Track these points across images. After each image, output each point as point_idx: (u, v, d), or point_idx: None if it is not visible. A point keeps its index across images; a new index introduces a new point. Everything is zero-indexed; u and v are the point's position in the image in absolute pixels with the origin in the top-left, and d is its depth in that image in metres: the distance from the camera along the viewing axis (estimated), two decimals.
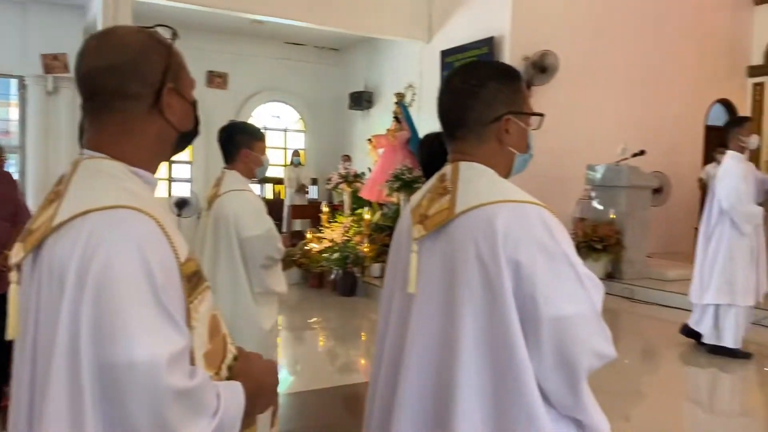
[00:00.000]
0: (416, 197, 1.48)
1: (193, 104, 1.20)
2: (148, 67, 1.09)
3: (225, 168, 2.88)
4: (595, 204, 8.13)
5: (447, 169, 1.42)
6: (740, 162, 4.79)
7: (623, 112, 9.40)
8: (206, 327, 1.09)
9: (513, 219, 1.27)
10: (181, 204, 8.32)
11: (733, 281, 4.77)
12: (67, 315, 0.94)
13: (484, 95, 1.37)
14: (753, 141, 4.83)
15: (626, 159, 7.99)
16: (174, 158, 3.20)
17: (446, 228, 1.33)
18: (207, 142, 3.53)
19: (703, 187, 9.42)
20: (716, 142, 10.09)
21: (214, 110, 11.49)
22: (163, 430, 0.93)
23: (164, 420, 0.92)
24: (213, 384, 1.03)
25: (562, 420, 1.29)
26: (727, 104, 10.78)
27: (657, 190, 8.62)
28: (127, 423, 0.92)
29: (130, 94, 1.08)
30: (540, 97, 8.73)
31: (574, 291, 1.26)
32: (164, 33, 1.15)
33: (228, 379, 1.12)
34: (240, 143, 2.82)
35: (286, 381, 4.48)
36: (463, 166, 1.39)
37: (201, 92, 11.79)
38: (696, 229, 9.77)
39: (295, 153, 11.85)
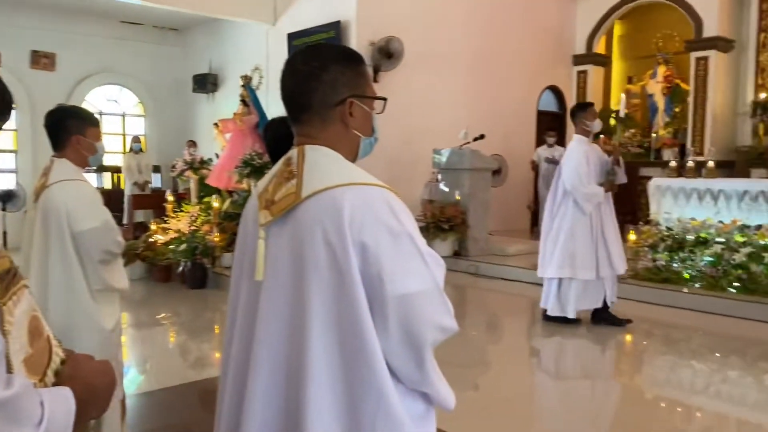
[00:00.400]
0: (262, 182, 1.45)
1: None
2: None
3: (54, 156, 2.62)
4: (442, 186, 8.47)
5: (293, 152, 1.40)
6: (583, 144, 5.11)
7: (465, 97, 9.86)
8: (25, 330, 1.00)
9: (358, 201, 1.28)
10: (6, 197, 7.53)
11: (574, 256, 5.06)
12: None
13: (326, 78, 1.36)
14: (596, 124, 5.15)
15: (468, 143, 8.40)
16: None
17: (293, 213, 1.33)
18: (34, 128, 3.20)
19: (535, 168, 10.17)
20: (547, 126, 10.94)
21: (40, 93, 10.49)
22: None
23: None
24: (35, 392, 0.94)
25: (409, 394, 1.33)
26: (556, 90, 11.68)
27: (496, 172, 9.17)
28: None
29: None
30: (388, 83, 8.92)
31: (417, 269, 1.29)
32: None
33: (55, 384, 1.03)
34: (70, 129, 2.58)
35: (135, 381, 4.23)
36: (309, 149, 1.37)
37: (24, 73, 10.69)
38: (529, 207, 10.65)
39: (135, 139, 11.15)
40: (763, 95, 9.71)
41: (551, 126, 10.84)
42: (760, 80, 9.85)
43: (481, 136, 8.46)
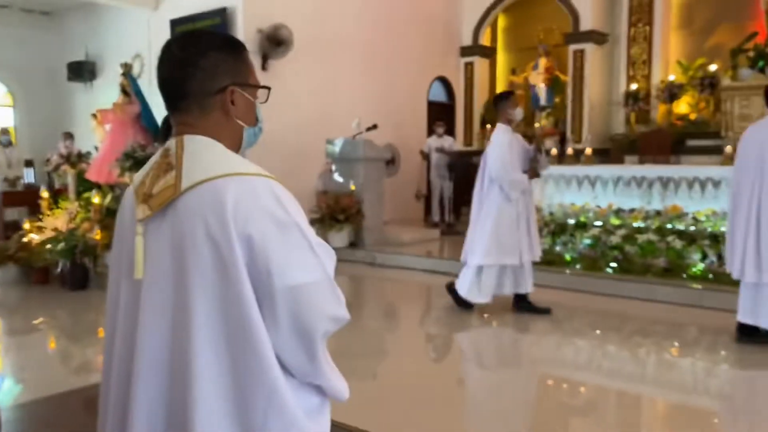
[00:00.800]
0: (139, 175, 1.37)
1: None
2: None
3: None
4: (336, 177, 8.45)
5: (171, 143, 1.32)
6: (507, 133, 5.19)
7: (357, 87, 9.87)
8: None
9: (242, 192, 1.23)
10: None
11: (500, 242, 5.15)
12: None
13: (204, 64, 1.30)
14: (518, 113, 5.27)
15: (361, 133, 8.42)
16: None
17: (173, 206, 1.26)
18: None
19: (426, 158, 10.38)
20: (437, 116, 11.17)
21: None
22: None
23: None
24: None
25: (302, 388, 1.31)
26: (445, 81, 11.95)
27: (390, 162, 9.27)
28: None
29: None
30: (278, 71, 8.76)
31: (307, 260, 1.26)
32: None
33: None
34: None
35: (11, 392, 3.91)
36: (188, 139, 1.30)
37: None
38: (417, 196, 10.88)
39: (4, 131, 10.29)
40: (634, 86, 10.41)
41: (441, 116, 11.09)
42: (632, 72, 10.54)
43: (374, 126, 8.50)
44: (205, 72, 1.30)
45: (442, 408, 3.56)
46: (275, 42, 8.55)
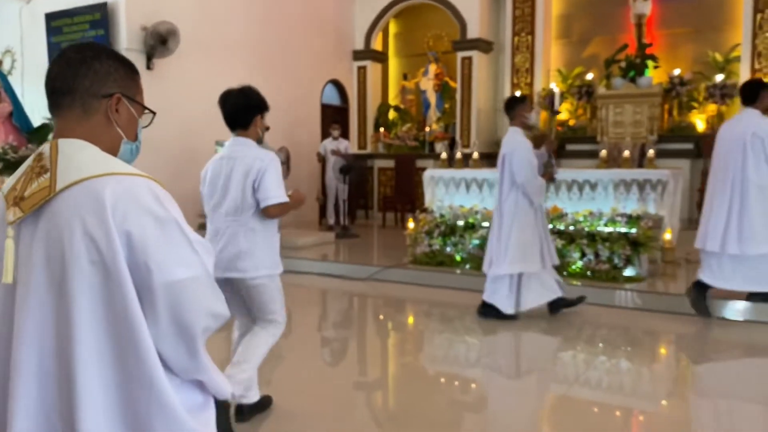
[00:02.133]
0: (10, 181, 1.33)
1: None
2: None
3: None
4: None
5: (45, 147, 1.30)
6: (525, 137, 5.09)
7: None
8: None
9: (121, 191, 1.23)
10: None
11: (525, 251, 5.00)
12: None
13: (98, 67, 1.32)
14: (533, 116, 5.08)
15: None
16: None
17: (48, 207, 1.24)
18: None
19: (322, 161, 10.35)
20: (331, 118, 11.17)
21: None
22: None
23: None
24: None
25: (185, 386, 1.32)
26: (338, 85, 11.97)
27: (282, 164, 9.14)
28: None
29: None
30: (163, 71, 8.42)
31: (186, 256, 1.28)
32: None
33: None
34: None
35: None
36: (63, 142, 1.29)
37: None
38: (317, 199, 10.82)
39: None
40: (518, 93, 10.88)
41: (335, 119, 11.09)
42: (515, 80, 11.02)
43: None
44: (97, 74, 1.32)
45: (336, 410, 3.54)
46: (160, 40, 8.21)
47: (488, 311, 5.22)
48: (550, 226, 6.31)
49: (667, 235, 6.15)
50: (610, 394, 3.89)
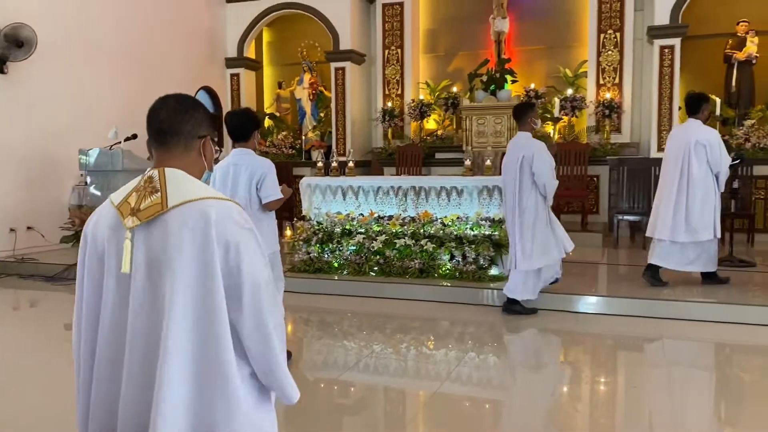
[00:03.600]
0: (119, 195, 1.71)
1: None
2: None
3: None
4: (93, 190, 7.86)
5: (153, 173, 1.68)
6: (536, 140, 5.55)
7: (115, 95, 9.28)
8: None
9: (221, 211, 1.62)
10: None
11: (545, 246, 5.48)
12: None
13: (196, 116, 1.76)
14: (539, 122, 5.67)
15: (119, 143, 7.95)
16: None
17: (160, 218, 1.61)
18: None
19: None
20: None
21: None
22: None
23: None
24: None
25: (252, 378, 1.67)
26: (210, 92, 11.75)
27: None
28: None
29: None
30: (20, 75, 7.91)
31: (263, 264, 1.66)
32: None
33: None
34: None
35: None
36: (168, 170, 1.68)
37: None
38: None
39: None
40: (389, 104, 11.26)
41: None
42: (387, 91, 11.40)
43: (134, 136, 8.07)
44: (195, 121, 1.76)
45: None
46: (15, 43, 7.71)
47: (513, 307, 5.66)
48: (422, 230, 6.64)
49: None
50: (480, 389, 4.19)
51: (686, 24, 9.42)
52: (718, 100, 7.75)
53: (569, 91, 10.18)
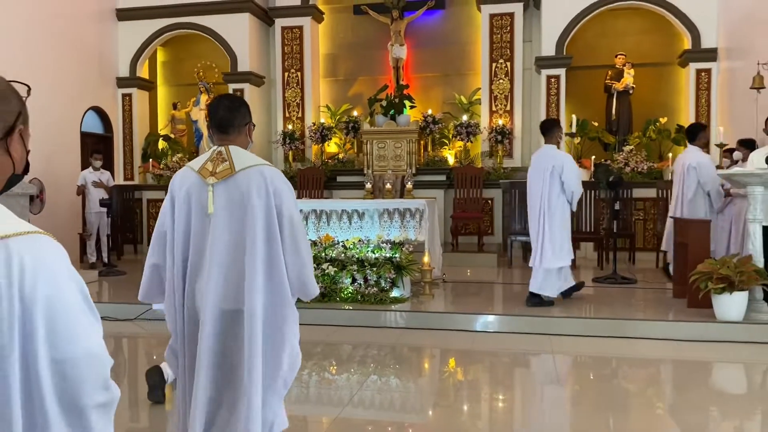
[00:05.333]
0: (196, 164, 2.60)
1: (28, 152, 1.29)
2: (6, 107, 1.22)
3: None
4: None
5: (221, 148, 2.57)
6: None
7: None
8: None
9: (271, 170, 2.56)
10: None
11: (570, 247, 6.20)
12: None
13: (243, 111, 2.63)
14: (563, 137, 6.56)
15: None
16: None
17: (231, 178, 2.51)
18: None
19: (81, 193, 9.59)
20: (93, 148, 10.41)
21: None
22: None
23: None
24: None
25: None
26: (100, 112, 11.22)
27: (35, 197, 8.31)
28: None
29: None
30: None
31: (295, 205, 2.57)
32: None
33: None
34: None
35: None
36: (231, 147, 2.57)
37: None
38: (80, 234, 10.00)
39: None
40: (290, 127, 11.21)
41: (97, 148, 10.37)
42: (287, 113, 11.36)
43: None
44: (242, 114, 2.63)
45: None
46: None
47: (534, 300, 6.22)
48: (324, 254, 6.61)
49: (426, 258, 6.79)
50: (382, 411, 4.20)
51: (570, 56, 10.05)
52: (571, 121, 8.28)
53: (464, 117, 10.56)
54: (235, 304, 2.49)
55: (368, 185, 7.59)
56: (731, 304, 5.50)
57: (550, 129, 6.36)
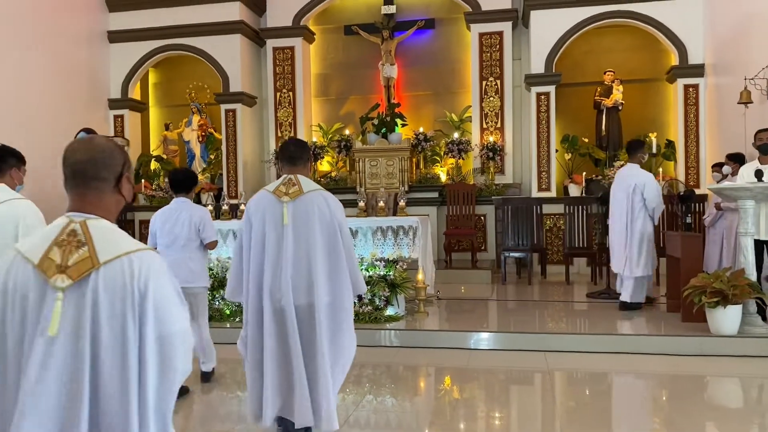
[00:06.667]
0: (271, 186, 3.48)
1: (133, 187, 1.82)
2: (115, 161, 1.72)
3: None
4: None
5: (290, 176, 3.47)
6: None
7: None
8: None
9: (328, 194, 3.47)
10: None
11: (651, 258, 6.66)
12: None
13: (305, 148, 3.62)
14: (646, 156, 6.95)
15: None
16: None
17: (300, 198, 3.39)
18: None
19: None
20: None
21: None
22: None
23: None
24: None
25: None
26: (91, 133, 11.19)
27: None
28: None
29: (102, 177, 1.71)
30: None
31: (345, 218, 3.49)
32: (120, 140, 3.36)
33: None
34: None
35: None
36: (299, 176, 3.49)
37: None
38: None
39: None
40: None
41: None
42: (279, 133, 11.38)
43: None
44: (305, 152, 3.58)
45: None
46: None
47: (626, 305, 6.75)
48: None
49: (420, 276, 6.78)
50: (378, 431, 4.17)
51: (559, 73, 10.14)
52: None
53: (456, 135, 10.61)
54: (307, 298, 3.30)
55: (361, 203, 7.58)
56: (725, 318, 5.51)
57: (634, 149, 6.93)
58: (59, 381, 1.51)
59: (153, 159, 11.84)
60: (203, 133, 11.51)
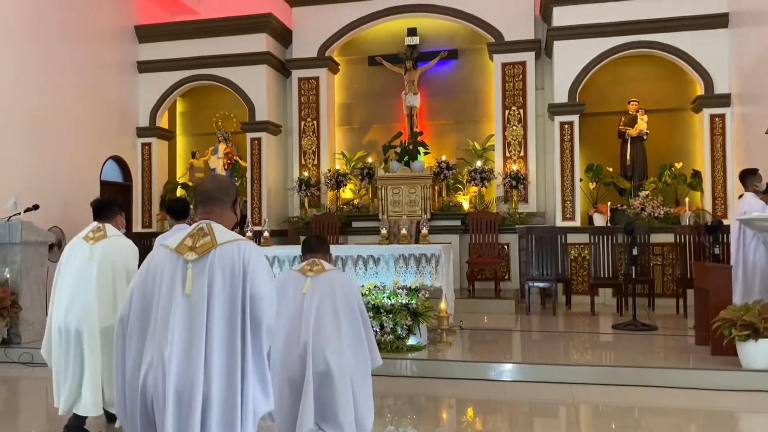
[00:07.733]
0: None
1: (242, 209, 3.00)
2: (233, 190, 2.64)
3: None
4: None
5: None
6: (759, 200, 6.46)
7: (14, 164, 8.85)
8: None
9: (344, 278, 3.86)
10: None
11: (765, 284, 6.37)
12: None
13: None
14: (764, 184, 6.64)
15: (18, 213, 7.53)
16: None
17: (321, 275, 3.72)
18: None
19: None
20: (111, 197, 10.55)
21: None
22: None
23: None
24: None
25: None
26: (119, 161, 11.43)
27: (54, 246, 8.40)
28: None
29: (225, 200, 2.59)
30: None
31: None
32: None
33: None
34: None
35: None
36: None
37: None
38: None
39: None
40: (306, 174, 11.32)
41: (116, 197, 10.52)
42: (303, 161, 11.49)
43: (35, 207, 7.69)
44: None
45: None
46: None
47: None
48: None
49: (443, 305, 6.73)
50: None
51: (583, 102, 10.12)
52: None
53: (478, 163, 10.61)
54: (324, 366, 3.37)
55: (383, 231, 7.59)
56: (756, 352, 5.37)
57: (744, 178, 6.83)
58: (189, 317, 2.31)
59: (179, 186, 12.01)
60: (229, 161, 11.67)
